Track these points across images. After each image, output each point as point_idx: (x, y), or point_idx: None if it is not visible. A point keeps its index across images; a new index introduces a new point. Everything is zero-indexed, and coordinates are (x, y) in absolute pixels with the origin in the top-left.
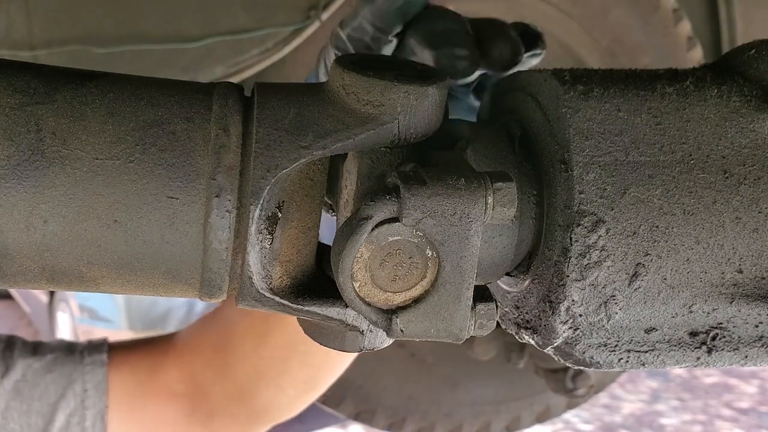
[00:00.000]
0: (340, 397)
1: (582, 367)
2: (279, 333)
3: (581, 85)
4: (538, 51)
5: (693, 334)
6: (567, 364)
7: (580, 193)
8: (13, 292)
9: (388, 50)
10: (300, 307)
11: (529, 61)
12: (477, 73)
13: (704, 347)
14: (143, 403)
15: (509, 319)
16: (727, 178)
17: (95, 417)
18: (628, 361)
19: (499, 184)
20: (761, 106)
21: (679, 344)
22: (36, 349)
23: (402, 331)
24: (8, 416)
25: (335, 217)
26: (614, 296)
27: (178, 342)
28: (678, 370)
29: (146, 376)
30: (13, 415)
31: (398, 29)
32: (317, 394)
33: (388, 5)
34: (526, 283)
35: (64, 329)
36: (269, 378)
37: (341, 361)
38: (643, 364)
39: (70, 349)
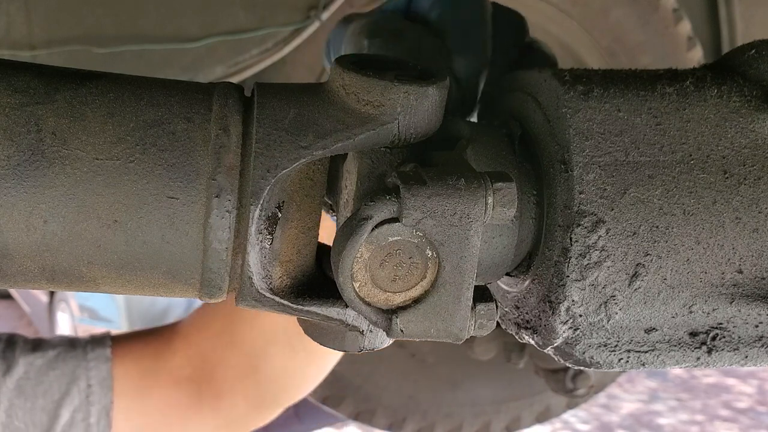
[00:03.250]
0: (340, 397)
1: (582, 368)
2: None
3: (581, 86)
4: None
5: (693, 334)
6: (567, 364)
7: (580, 194)
8: (13, 292)
9: None
10: (300, 307)
11: None
12: None
13: (704, 347)
14: (149, 393)
15: (509, 319)
16: (727, 178)
17: (100, 413)
18: (628, 361)
19: (499, 184)
20: (761, 106)
21: (679, 344)
22: (37, 346)
23: (402, 331)
24: (12, 414)
25: (335, 217)
26: (614, 296)
27: (183, 327)
28: (676, 370)
29: (150, 365)
30: (18, 413)
31: None
32: (326, 367)
33: None
34: (526, 283)
35: (64, 329)
36: (281, 342)
37: None
38: (643, 364)
39: (72, 345)
